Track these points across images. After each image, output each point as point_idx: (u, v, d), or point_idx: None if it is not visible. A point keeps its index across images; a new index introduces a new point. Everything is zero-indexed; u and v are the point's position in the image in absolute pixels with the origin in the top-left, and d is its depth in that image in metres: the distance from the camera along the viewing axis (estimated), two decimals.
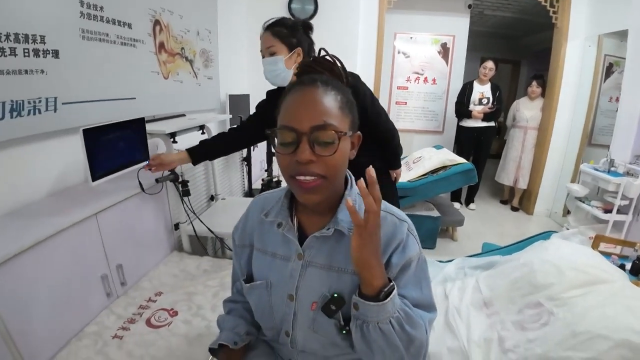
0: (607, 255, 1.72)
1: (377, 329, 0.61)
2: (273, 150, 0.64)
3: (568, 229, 2.71)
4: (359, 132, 0.71)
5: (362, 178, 0.56)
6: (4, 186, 1.21)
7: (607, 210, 2.51)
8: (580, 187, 2.66)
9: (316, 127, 0.59)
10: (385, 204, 0.73)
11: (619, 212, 2.47)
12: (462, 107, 3.42)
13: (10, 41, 1.11)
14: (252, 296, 0.79)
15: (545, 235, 1.72)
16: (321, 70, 0.70)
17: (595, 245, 1.71)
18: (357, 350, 0.67)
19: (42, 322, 1.09)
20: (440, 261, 1.67)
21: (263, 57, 1.42)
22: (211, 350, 0.85)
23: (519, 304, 1.27)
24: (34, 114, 1.23)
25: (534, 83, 3.31)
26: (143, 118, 1.43)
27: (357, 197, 0.72)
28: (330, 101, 0.62)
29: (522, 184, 3.54)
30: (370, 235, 0.57)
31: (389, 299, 0.59)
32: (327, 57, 0.70)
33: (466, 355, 1.13)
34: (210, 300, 1.42)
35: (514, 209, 3.68)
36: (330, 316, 0.67)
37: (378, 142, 1.56)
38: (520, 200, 3.69)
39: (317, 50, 0.72)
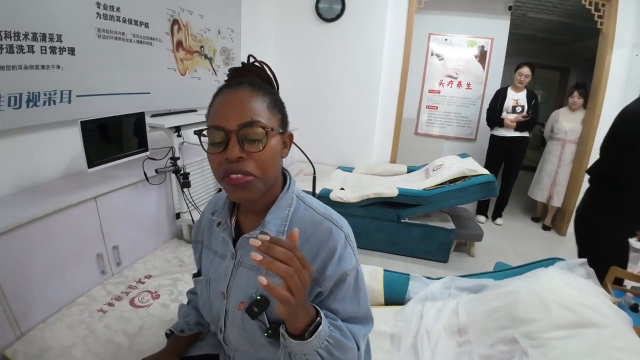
0: (621, 292, 1.53)
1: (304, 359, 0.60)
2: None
3: None
4: (290, 131, 0.71)
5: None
6: (21, 167, 1.39)
7: None
8: None
9: (244, 125, 0.60)
10: (324, 207, 0.73)
11: None
12: (494, 115, 3.20)
13: (28, 39, 1.26)
14: (197, 290, 0.85)
15: (552, 261, 1.57)
16: (250, 75, 0.70)
17: (609, 279, 1.52)
18: None
19: (36, 289, 1.23)
20: (429, 278, 1.60)
21: None
22: (166, 334, 0.94)
23: (493, 337, 1.18)
24: (49, 104, 1.39)
25: (576, 93, 3.01)
26: (143, 112, 1.54)
27: (295, 200, 0.72)
28: (257, 101, 0.63)
29: (557, 202, 3.25)
30: (298, 301, 0.54)
31: (313, 336, 0.58)
32: (256, 63, 0.70)
33: None
34: None
35: (546, 228, 3.39)
36: (253, 318, 0.66)
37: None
38: (553, 219, 3.39)
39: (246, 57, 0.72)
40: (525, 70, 3.04)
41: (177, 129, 1.73)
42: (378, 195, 2.52)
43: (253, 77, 0.69)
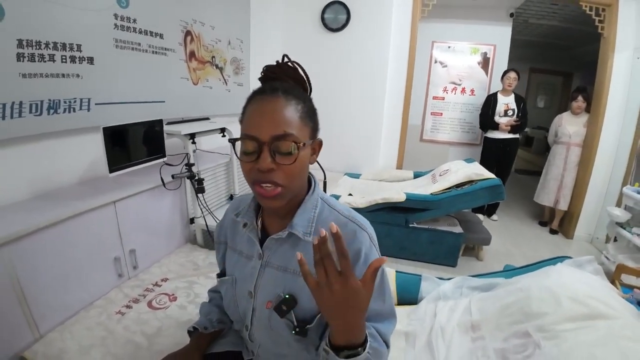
0: (628, 288, 1.54)
1: None
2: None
3: (607, 258, 2.46)
4: (320, 138, 0.74)
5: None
6: (41, 172, 1.43)
7: None
8: (622, 212, 2.40)
9: (277, 137, 0.61)
10: (347, 209, 0.75)
11: None
12: (488, 119, 3.36)
13: (49, 48, 1.31)
14: (222, 289, 0.87)
15: (560, 259, 1.58)
16: (283, 76, 0.71)
17: (616, 276, 1.53)
18: None
19: (55, 292, 1.25)
20: (440, 278, 1.61)
21: None
22: (188, 332, 0.95)
23: (506, 331, 1.19)
24: (69, 112, 1.43)
25: (580, 97, 3.06)
26: (161, 119, 1.58)
27: (320, 203, 0.74)
28: (291, 111, 0.63)
29: (563, 205, 3.26)
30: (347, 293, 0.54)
31: (359, 356, 0.57)
32: (289, 64, 0.71)
33: None
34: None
35: (553, 231, 3.39)
36: (281, 316, 0.70)
37: None
38: (560, 222, 3.39)
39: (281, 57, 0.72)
40: (513, 74, 3.25)
41: (192, 136, 1.77)
42: (386, 200, 2.54)
43: (286, 78, 0.71)
